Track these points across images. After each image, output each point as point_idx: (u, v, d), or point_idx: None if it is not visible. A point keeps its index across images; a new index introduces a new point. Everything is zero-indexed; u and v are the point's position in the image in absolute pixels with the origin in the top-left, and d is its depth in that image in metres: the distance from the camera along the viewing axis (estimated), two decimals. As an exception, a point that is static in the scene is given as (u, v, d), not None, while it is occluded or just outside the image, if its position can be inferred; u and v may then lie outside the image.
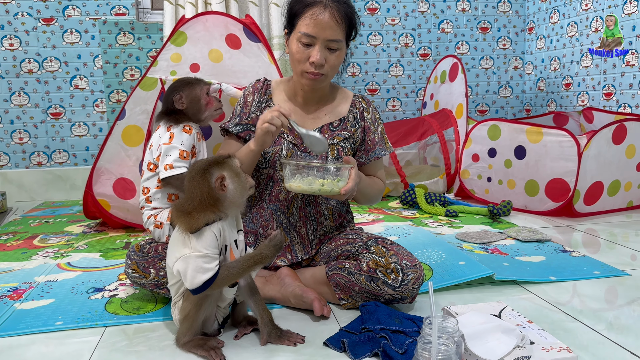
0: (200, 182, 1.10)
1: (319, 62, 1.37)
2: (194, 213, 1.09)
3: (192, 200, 1.10)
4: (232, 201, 1.12)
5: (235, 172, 1.13)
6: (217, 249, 1.10)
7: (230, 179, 1.11)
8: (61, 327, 1.31)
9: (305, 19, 1.36)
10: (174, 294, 1.20)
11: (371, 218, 2.37)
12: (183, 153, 1.46)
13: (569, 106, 3.27)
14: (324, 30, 1.35)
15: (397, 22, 3.48)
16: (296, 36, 1.38)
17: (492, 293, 1.49)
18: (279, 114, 1.28)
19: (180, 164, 1.47)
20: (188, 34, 2.25)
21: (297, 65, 1.41)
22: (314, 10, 1.35)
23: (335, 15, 1.35)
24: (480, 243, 1.96)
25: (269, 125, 1.27)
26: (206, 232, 1.09)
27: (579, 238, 2.05)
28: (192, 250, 1.08)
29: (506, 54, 3.66)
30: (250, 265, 1.12)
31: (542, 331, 1.06)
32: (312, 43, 1.37)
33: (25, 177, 3.10)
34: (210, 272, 1.07)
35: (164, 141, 1.49)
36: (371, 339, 1.15)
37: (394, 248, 1.34)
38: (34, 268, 1.77)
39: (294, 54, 1.40)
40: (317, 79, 1.41)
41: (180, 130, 1.46)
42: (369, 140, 1.53)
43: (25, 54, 3.02)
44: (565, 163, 2.31)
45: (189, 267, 1.08)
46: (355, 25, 1.43)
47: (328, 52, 1.39)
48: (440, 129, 2.97)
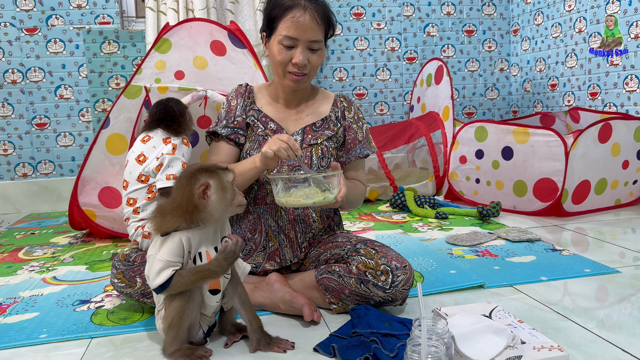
0: (184, 185, 1.09)
1: (302, 63, 1.37)
2: (169, 216, 1.08)
3: (172, 202, 1.09)
4: (210, 213, 1.09)
5: (222, 185, 1.09)
6: (181, 257, 1.09)
7: (215, 190, 1.08)
8: (46, 340, 1.28)
9: (286, 22, 1.36)
10: (157, 302, 1.18)
11: (361, 226, 2.36)
12: (185, 165, 1.44)
13: (556, 106, 3.29)
14: (305, 32, 1.36)
15: (382, 27, 3.49)
16: (277, 39, 1.38)
17: (483, 294, 1.49)
18: (287, 147, 1.24)
19: None
20: (172, 41, 2.24)
21: (279, 67, 1.41)
22: (294, 12, 1.36)
23: (315, 17, 1.36)
24: (471, 245, 1.95)
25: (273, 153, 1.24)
26: (173, 238, 1.08)
27: (568, 237, 2.06)
28: (156, 252, 1.09)
29: (492, 56, 3.68)
30: (198, 278, 1.08)
31: (533, 330, 1.05)
32: (294, 45, 1.38)
33: (10, 189, 3.06)
34: (162, 278, 1.07)
35: (166, 151, 1.46)
36: (362, 343, 1.14)
37: (384, 250, 1.33)
38: (19, 283, 1.73)
39: (276, 57, 1.40)
40: (301, 80, 1.42)
41: (181, 142, 1.45)
42: (350, 139, 1.52)
43: (9, 65, 2.99)
44: (552, 163, 2.32)
45: (152, 268, 1.09)
46: (333, 24, 1.44)
47: (310, 53, 1.40)
48: (427, 132, 2.98)
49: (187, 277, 1.08)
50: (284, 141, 1.24)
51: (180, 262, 1.09)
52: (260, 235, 1.46)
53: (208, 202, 1.08)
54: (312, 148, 1.46)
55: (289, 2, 1.37)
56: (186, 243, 1.09)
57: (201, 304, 1.15)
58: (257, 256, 1.47)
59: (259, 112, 1.50)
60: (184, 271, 1.09)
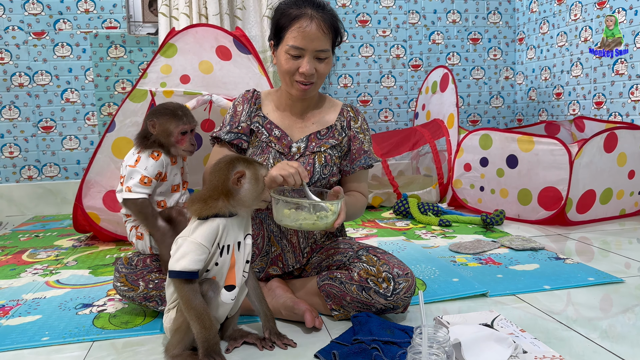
0: (222, 170, 1.13)
1: (309, 72, 1.37)
2: (209, 200, 1.11)
3: (209, 187, 1.13)
4: (241, 199, 1.13)
5: (256, 177, 1.14)
6: (211, 244, 1.11)
7: (249, 179, 1.13)
8: (47, 343, 1.28)
9: (293, 32, 1.36)
10: (169, 299, 1.18)
11: (364, 233, 2.36)
12: (144, 179, 1.42)
13: (560, 115, 3.28)
14: (312, 41, 1.36)
15: (388, 34, 3.49)
16: (284, 48, 1.39)
17: (485, 302, 1.48)
18: (297, 174, 1.23)
19: (139, 189, 1.43)
20: (178, 46, 2.25)
21: (286, 76, 1.41)
22: (300, 22, 1.36)
23: (322, 27, 1.36)
24: (474, 253, 1.94)
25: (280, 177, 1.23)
26: (212, 222, 1.11)
27: (572, 246, 2.05)
28: (189, 234, 1.11)
29: (497, 65, 3.68)
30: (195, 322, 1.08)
31: (535, 340, 1.05)
32: (301, 55, 1.38)
33: (15, 192, 3.07)
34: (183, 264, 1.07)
35: (129, 163, 1.46)
36: (363, 350, 1.13)
37: (385, 257, 1.32)
38: (22, 286, 1.74)
39: (283, 66, 1.40)
40: (308, 89, 1.42)
41: (147, 156, 1.42)
42: (355, 149, 1.52)
43: (16, 68, 3.01)
44: (557, 171, 2.31)
45: (178, 250, 1.10)
46: (340, 32, 1.44)
47: (317, 62, 1.39)
48: (432, 139, 2.97)
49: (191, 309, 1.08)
50: (295, 167, 1.24)
51: (210, 249, 1.11)
52: (263, 241, 1.46)
53: (241, 189, 1.12)
54: (315, 156, 1.46)
55: (295, 12, 1.37)
56: (222, 230, 1.11)
57: (216, 309, 1.16)
58: (260, 261, 1.47)
59: (264, 119, 1.50)
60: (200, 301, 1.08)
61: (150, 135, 1.46)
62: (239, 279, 1.17)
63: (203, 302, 1.09)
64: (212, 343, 1.09)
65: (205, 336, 1.08)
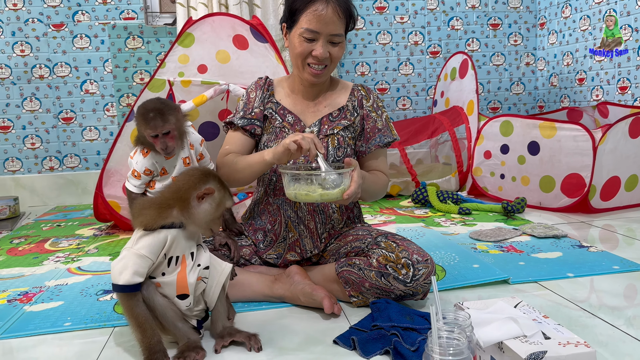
0: (193, 177, 1.09)
1: (322, 56, 1.37)
2: (163, 208, 1.07)
3: (170, 189, 1.09)
4: (194, 216, 1.08)
5: (220, 203, 1.10)
6: (156, 255, 1.07)
7: (212, 201, 1.09)
8: (69, 328, 1.30)
9: (308, 15, 1.35)
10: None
11: (382, 219, 2.34)
12: (134, 172, 1.48)
13: (583, 101, 3.21)
14: (327, 25, 1.35)
15: (406, 20, 3.45)
16: (298, 31, 1.38)
17: (507, 289, 1.46)
18: (311, 140, 1.24)
19: (132, 180, 1.50)
20: (195, 35, 2.25)
21: (298, 59, 1.41)
22: (316, 6, 1.35)
23: (337, 11, 1.35)
24: (495, 241, 1.92)
25: (294, 144, 1.22)
26: (158, 234, 1.07)
27: (596, 234, 2.00)
28: (133, 244, 1.07)
29: (517, 50, 3.61)
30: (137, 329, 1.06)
31: (559, 326, 1.02)
32: (315, 38, 1.37)
33: (37, 182, 3.12)
34: (126, 278, 1.04)
35: (130, 154, 1.52)
36: (382, 336, 1.12)
37: (405, 243, 1.31)
38: (45, 273, 1.77)
39: (297, 48, 1.39)
40: (321, 74, 1.42)
41: (139, 152, 1.48)
42: (369, 127, 1.51)
43: (36, 60, 3.05)
44: (580, 158, 2.26)
45: (122, 260, 1.06)
46: (354, 17, 1.43)
47: (331, 46, 1.39)
48: (451, 127, 2.93)
49: (131, 318, 1.06)
50: (310, 135, 1.25)
51: (154, 260, 1.07)
52: (280, 227, 1.45)
53: (200, 206, 1.08)
54: (328, 138, 1.45)
55: None
56: (169, 242, 1.07)
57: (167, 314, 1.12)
58: (278, 247, 1.47)
59: (277, 105, 1.50)
60: (142, 310, 1.06)
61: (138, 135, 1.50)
62: (192, 288, 1.12)
63: (145, 310, 1.06)
64: (155, 351, 1.06)
65: (147, 344, 1.06)
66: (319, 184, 1.23)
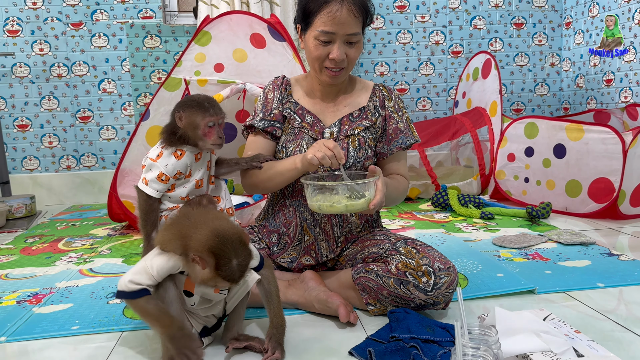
0: (201, 231, 0.98)
1: (339, 58, 1.32)
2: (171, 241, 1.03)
3: (176, 227, 1.05)
4: (189, 271, 1.02)
5: (210, 278, 0.97)
6: (162, 277, 1.05)
7: (205, 271, 0.97)
8: (77, 332, 1.26)
9: (322, 17, 1.30)
10: None
11: (401, 224, 2.27)
12: (162, 176, 1.36)
13: (611, 103, 3.10)
14: (342, 26, 1.30)
15: (427, 20, 3.37)
16: (314, 34, 1.33)
17: (532, 300, 1.38)
18: (332, 156, 1.19)
19: (155, 185, 1.36)
20: (212, 34, 2.21)
21: (315, 62, 1.36)
22: (330, 7, 1.30)
23: (352, 10, 1.30)
24: (520, 248, 1.84)
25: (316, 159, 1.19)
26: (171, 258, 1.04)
27: (626, 241, 1.91)
28: (150, 259, 1.05)
29: (542, 50, 3.51)
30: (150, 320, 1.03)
31: (592, 342, 0.95)
32: (332, 40, 1.32)
33: (54, 181, 3.12)
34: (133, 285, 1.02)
35: (151, 156, 1.39)
36: (400, 348, 1.06)
37: (425, 249, 1.24)
38: (56, 274, 1.74)
39: (312, 52, 1.34)
40: (338, 75, 1.37)
41: (170, 154, 1.36)
42: (391, 129, 1.45)
43: (55, 59, 3.05)
44: (609, 161, 2.17)
45: (134, 268, 1.05)
46: (370, 13, 1.37)
47: (347, 47, 1.34)
48: (473, 128, 2.85)
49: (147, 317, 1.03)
50: (330, 149, 1.20)
51: (159, 280, 1.05)
52: (295, 229, 1.40)
53: (192, 266, 0.99)
54: (349, 139, 1.40)
55: None
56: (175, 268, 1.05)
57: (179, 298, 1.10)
58: (292, 250, 1.41)
59: (295, 105, 1.45)
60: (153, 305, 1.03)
61: (178, 130, 1.39)
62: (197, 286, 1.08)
63: (157, 303, 1.03)
64: (180, 337, 0.99)
65: (170, 334, 1.00)
66: (344, 195, 1.18)
